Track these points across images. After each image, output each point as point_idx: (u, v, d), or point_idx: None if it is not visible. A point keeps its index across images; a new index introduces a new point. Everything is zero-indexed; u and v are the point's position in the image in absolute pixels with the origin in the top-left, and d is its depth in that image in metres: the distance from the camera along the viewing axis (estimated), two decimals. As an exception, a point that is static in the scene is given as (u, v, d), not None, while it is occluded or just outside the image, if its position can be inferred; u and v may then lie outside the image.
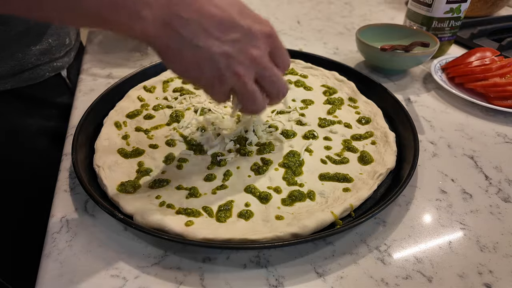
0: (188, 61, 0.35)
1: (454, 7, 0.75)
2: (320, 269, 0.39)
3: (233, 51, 0.35)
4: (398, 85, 0.73)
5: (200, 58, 0.34)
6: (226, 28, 0.35)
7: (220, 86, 0.37)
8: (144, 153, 0.52)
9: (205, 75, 0.36)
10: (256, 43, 0.37)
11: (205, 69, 0.35)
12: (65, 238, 0.41)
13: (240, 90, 0.38)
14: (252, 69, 0.37)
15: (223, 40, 0.34)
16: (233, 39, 0.35)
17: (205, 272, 0.38)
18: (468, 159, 0.55)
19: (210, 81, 0.36)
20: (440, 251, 0.41)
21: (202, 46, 0.34)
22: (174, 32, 0.33)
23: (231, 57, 0.35)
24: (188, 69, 0.36)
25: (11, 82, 0.58)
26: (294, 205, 0.44)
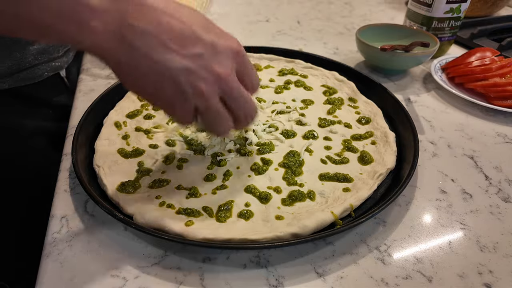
0: (144, 77, 0.32)
1: (454, 7, 0.75)
2: (320, 269, 0.39)
3: (195, 67, 0.32)
4: (398, 85, 0.73)
5: (157, 74, 0.32)
6: (186, 42, 0.32)
7: (182, 105, 0.34)
8: (144, 153, 0.52)
9: (164, 93, 0.33)
10: (221, 60, 0.34)
11: (164, 86, 0.32)
12: (65, 238, 0.41)
13: (203, 110, 0.35)
14: (216, 87, 0.34)
15: (183, 55, 0.32)
16: (195, 54, 0.32)
17: (205, 272, 0.38)
18: (468, 159, 0.55)
19: (170, 100, 0.34)
20: (440, 251, 0.41)
21: (159, 60, 0.31)
22: (127, 45, 0.30)
23: (192, 73, 0.32)
24: (145, 87, 0.33)
25: (8, 82, 0.57)
26: (294, 205, 0.44)
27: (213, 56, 0.33)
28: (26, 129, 0.63)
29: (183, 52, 0.32)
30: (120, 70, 0.32)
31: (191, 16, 0.33)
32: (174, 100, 0.34)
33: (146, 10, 0.31)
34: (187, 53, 0.32)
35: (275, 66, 0.75)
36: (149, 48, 0.31)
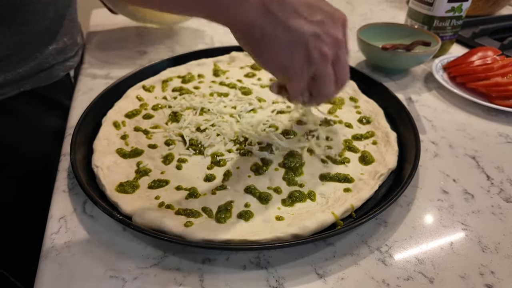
0: (282, 45, 0.35)
1: (455, 6, 0.74)
2: (320, 270, 0.38)
3: (320, 32, 0.35)
4: (399, 84, 0.73)
5: (292, 40, 0.34)
6: (312, 10, 0.35)
7: (308, 70, 0.37)
8: (143, 153, 0.51)
9: (295, 58, 0.36)
10: (338, 27, 0.37)
11: (296, 51, 0.35)
12: (63, 238, 0.41)
13: (322, 74, 0.38)
14: (334, 51, 0.37)
15: (311, 21, 0.35)
16: (318, 21, 0.35)
17: (204, 273, 0.38)
18: (469, 159, 0.54)
19: (299, 66, 0.36)
20: (442, 251, 0.41)
21: (294, 27, 0.34)
22: (271, 15, 0.33)
23: (319, 38, 0.35)
24: (281, 55, 0.35)
25: (31, 83, 0.58)
26: (295, 205, 0.44)
27: (332, 23, 0.37)
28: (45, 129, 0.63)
29: (310, 18, 0.35)
30: (262, 41, 0.35)
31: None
32: (303, 65, 0.36)
33: None
34: (313, 19, 0.35)
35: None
36: (287, 16, 0.34)
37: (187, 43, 0.88)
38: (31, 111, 0.61)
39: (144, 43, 0.87)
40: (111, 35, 0.90)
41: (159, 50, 0.84)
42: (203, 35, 0.92)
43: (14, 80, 0.55)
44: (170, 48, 0.85)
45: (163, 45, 0.86)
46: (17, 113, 0.58)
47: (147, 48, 0.84)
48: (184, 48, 0.85)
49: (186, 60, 0.73)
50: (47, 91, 0.62)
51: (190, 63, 0.73)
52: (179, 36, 0.91)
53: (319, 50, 0.36)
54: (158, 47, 0.85)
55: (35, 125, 0.61)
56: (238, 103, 0.62)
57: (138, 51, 0.83)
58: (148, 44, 0.86)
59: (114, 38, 0.89)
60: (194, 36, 0.92)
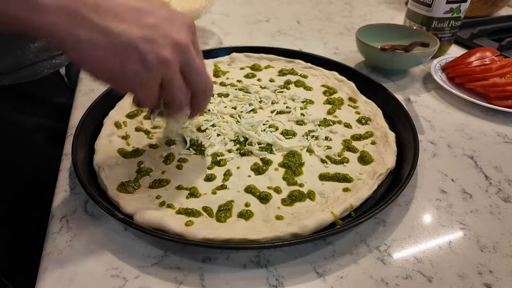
0: (104, 52, 0.30)
1: (454, 7, 0.75)
2: (320, 269, 0.39)
3: (154, 35, 0.31)
4: (398, 85, 0.73)
5: (117, 46, 0.30)
6: (141, 14, 0.31)
7: (147, 78, 0.33)
8: (144, 153, 0.52)
9: (128, 67, 0.31)
10: (178, 29, 0.33)
11: (126, 59, 0.31)
12: (65, 238, 0.41)
13: (167, 81, 0.34)
14: (177, 54, 0.33)
15: (140, 25, 0.31)
16: (152, 24, 0.32)
17: (205, 272, 0.38)
18: (468, 159, 0.55)
19: (132, 72, 0.32)
20: (440, 251, 0.41)
21: (116, 32, 0.30)
22: (84, 20, 0.29)
23: (152, 41, 0.31)
24: (108, 64, 0.31)
25: (8, 79, 0.57)
26: (294, 205, 0.44)
27: (170, 25, 0.33)
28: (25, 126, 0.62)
29: (139, 22, 0.31)
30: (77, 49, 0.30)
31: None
32: (139, 73, 0.32)
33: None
34: (144, 23, 0.31)
35: (275, 66, 0.75)
36: (105, 21, 0.30)
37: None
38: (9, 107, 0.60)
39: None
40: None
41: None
42: (204, 36, 0.93)
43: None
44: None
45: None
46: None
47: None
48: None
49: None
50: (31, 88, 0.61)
51: (190, 63, 0.73)
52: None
53: (156, 54, 0.32)
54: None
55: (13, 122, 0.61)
56: (238, 104, 0.62)
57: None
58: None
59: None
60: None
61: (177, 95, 0.36)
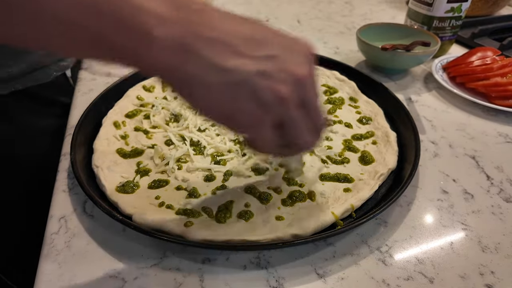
0: (217, 90, 0.28)
1: (455, 6, 0.74)
2: (320, 270, 0.38)
3: (271, 69, 0.28)
4: (399, 84, 0.73)
5: (231, 83, 0.27)
6: (257, 45, 0.28)
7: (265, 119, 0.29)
8: (143, 153, 0.51)
9: (242, 107, 0.28)
10: (298, 61, 0.29)
11: (240, 98, 0.28)
12: (63, 238, 0.41)
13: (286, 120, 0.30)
14: (296, 91, 0.29)
15: (257, 58, 0.28)
16: (268, 56, 0.28)
17: (204, 273, 0.38)
18: (469, 159, 0.54)
19: (250, 115, 0.29)
20: (442, 251, 0.41)
21: (230, 68, 0.27)
22: (195, 56, 0.26)
23: (269, 76, 0.28)
24: (220, 102, 0.28)
25: (21, 83, 0.58)
26: (295, 205, 0.44)
27: (289, 57, 0.29)
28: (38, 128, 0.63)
29: (255, 54, 0.28)
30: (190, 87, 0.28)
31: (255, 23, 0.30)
32: (254, 114, 0.29)
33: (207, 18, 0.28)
34: (260, 55, 0.28)
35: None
36: (218, 56, 0.27)
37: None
38: (23, 110, 0.60)
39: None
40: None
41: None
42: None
43: (5, 80, 0.54)
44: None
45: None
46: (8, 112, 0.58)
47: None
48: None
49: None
50: (41, 90, 0.62)
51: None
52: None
53: (273, 92, 0.28)
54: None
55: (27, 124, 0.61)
56: (238, 103, 0.62)
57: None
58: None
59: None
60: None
61: (300, 135, 0.32)
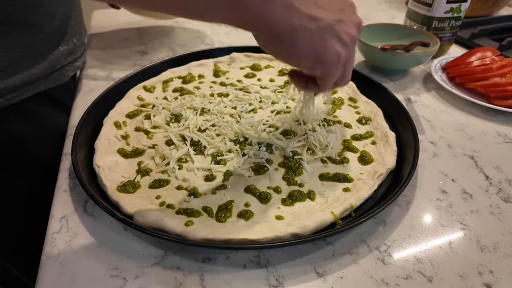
0: (312, 36, 0.35)
1: (454, 6, 0.75)
2: (320, 269, 0.39)
3: (343, 18, 0.37)
4: (398, 85, 0.73)
5: (321, 28, 0.35)
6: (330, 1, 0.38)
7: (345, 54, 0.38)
8: (144, 153, 0.52)
9: (329, 46, 0.36)
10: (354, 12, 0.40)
11: (328, 38, 0.36)
12: (65, 238, 0.41)
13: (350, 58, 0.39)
14: (357, 33, 0.39)
15: (332, 10, 0.37)
16: (339, 9, 0.38)
17: (205, 272, 0.38)
18: (468, 159, 0.55)
19: (335, 52, 0.37)
20: (441, 251, 0.41)
21: (318, 16, 0.35)
22: (295, 9, 0.34)
23: (344, 23, 0.37)
24: (315, 46, 0.36)
25: (45, 84, 0.59)
26: (294, 205, 0.44)
27: (350, 10, 0.39)
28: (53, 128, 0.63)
29: (331, 8, 0.37)
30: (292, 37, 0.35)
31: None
32: (338, 51, 0.37)
33: None
34: (334, 8, 0.37)
35: (275, 66, 0.75)
36: (309, 8, 0.35)
37: (187, 44, 0.88)
38: (43, 111, 0.61)
39: (144, 44, 0.87)
40: (112, 36, 0.91)
41: (160, 51, 0.84)
42: (204, 36, 0.93)
43: (29, 81, 0.55)
44: (170, 49, 0.85)
45: (164, 46, 0.86)
46: (30, 114, 0.59)
47: (148, 49, 0.85)
48: (184, 49, 0.85)
49: (187, 60, 0.74)
50: (55, 91, 0.62)
51: (191, 63, 0.73)
52: (179, 37, 0.92)
53: (348, 33, 0.37)
54: (159, 48, 0.85)
55: (46, 126, 0.62)
56: (238, 103, 0.62)
57: (139, 52, 0.83)
58: (149, 45, 0.87)
59: (115, 39, 0.89)
60: (194, 37, 0.92)
61: (350, 71, 0.42)
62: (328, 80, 0.40)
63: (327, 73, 0.39)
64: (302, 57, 0.37)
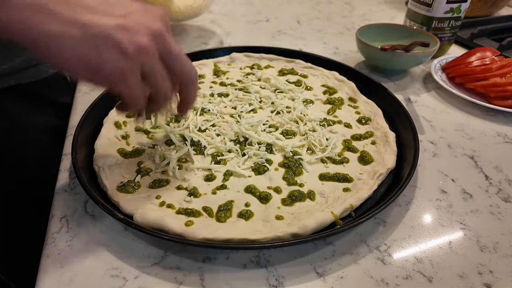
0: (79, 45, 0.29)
1: (454, 7, 0.75)
2: (320, 269, 0.39)
3: (128, 23, 0.31)
4: (398, 85, 0.73)
5: (92, 37, 0.29)
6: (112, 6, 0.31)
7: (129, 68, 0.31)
8: (144, 153, 0.52)
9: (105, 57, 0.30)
10: (152, 18, 0.32)
11: (103, 49, 0.30)
12: (65, 238, 0.41)
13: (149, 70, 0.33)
14: (154, 42, 0.32)
15: (113, 15, 0.31)
16: (124, 14, 0.31)
17: (205, 272, 0.38)
18: (468, 159, 0.55)
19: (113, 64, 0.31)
20: (440, 251, 0.41)
21: (89, 23, 0.29)
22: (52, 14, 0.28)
23: (127, 29, 0.30)
24: (83, 55, 0.30)
25: (15, 78, 0.57)
26: (294, 205, 0.44)
27: (143, 15, 0.32)
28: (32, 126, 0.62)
29: (112, 13, 0.31)
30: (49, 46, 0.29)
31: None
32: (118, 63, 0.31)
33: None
34: (116, 13, 0.31)
35: (275, 66, 0.75)
36: (76, 14, 0.29)
37: (187, 43, 0.88)
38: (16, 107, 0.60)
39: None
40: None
41: (160, 51, 0.84)
42: (204, 36, 0.93)
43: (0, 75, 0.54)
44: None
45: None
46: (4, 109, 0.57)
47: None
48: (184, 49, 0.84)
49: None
50: (36, 87, 0.61)
51: (190, 63, 0.73)
52: (179, 37, 0.92)
53: (133, 42, 0.31)
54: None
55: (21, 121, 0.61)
56: (238, 103, 0.62)
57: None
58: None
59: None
60: (194, 37, 0.92)
61: (161, 84, 0.35)
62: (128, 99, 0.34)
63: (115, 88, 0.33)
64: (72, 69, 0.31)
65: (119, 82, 0.32)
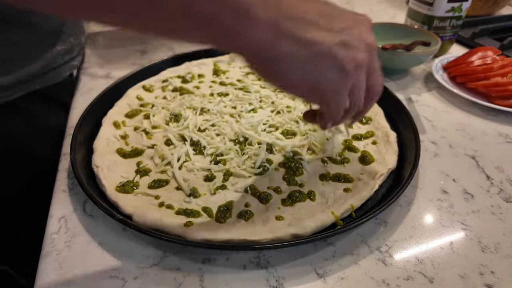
0: (304, 63, 0.30)
1: (455, 6, 0.74)
2: (320, 270, 0.38)
3: (348, 38, 0.30)
4: (399, 84, 0.73)
5: (316, 54, 0.29)
6: (331, 18, 0.31)
7: (345, 87, 0.32)
8: (143, 153, 0.51)
9: (326, 74, 0.30)
10: (365, 30, 0.33)
11: (325, 66, 0.30)
12: (63, 238, 0.41)
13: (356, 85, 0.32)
14: (368, 58, 0.32)
15: (334, 30, 0.30)
16: (343, 27, 0.31)
17: (204, 273, 0.38)
18: (469, 159, 0.54)
19: (333, 81, 0.31)
20: (442, 251, 0.41)
21: (314, 39, 0.29)
22: (284, 32, 0.28)
23: (348, 45, 0.30)
24: (306, 75, 0.30)
25: (39, 83, 0.58)
26: (295, 205, 0.44)
27: (357, 27, 0.32)
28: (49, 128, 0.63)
29: (332, 27, 0.30)
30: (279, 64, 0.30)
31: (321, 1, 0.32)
32: (338, 83, 0.31)
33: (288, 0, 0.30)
34: (336, 28, 0.31)
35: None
36: (304, 32, 0.29)
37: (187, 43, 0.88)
38: (38, 110, 0.61)
39: (144, 43, 0.87)
40: (111, 35, 0.90)
41: (159, 50, 0.84)
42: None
43: (24, 80, 0.55)
44: (170, 48, 0.85)
45: (163, 45, 0.86)
46: (25, 112, 0.58)
47: (147, 48, 0.84)
48: (184, 48, 0.85)
49: (186, 60, 0.73)
50: (52, 90, 0.62)
51: (190, 63, 0.73)
52: (179, 36, 0.91)
53: (354, 60, 0.31)
54: (158, 47, 0.85)
55: (42, 125, 0.62)
56: (238, 103, 0.62)
57: (138, 51, 0.83)
58: (148, 44, 0.86)
59: (114, 38, 0.89)
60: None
61: (359, 98, 0.34)
62: (333, 112, 0.35)
63: (328, 106, 0.34)
64: (294, 87, 0.32)
65: (330, 100, 0.33)
